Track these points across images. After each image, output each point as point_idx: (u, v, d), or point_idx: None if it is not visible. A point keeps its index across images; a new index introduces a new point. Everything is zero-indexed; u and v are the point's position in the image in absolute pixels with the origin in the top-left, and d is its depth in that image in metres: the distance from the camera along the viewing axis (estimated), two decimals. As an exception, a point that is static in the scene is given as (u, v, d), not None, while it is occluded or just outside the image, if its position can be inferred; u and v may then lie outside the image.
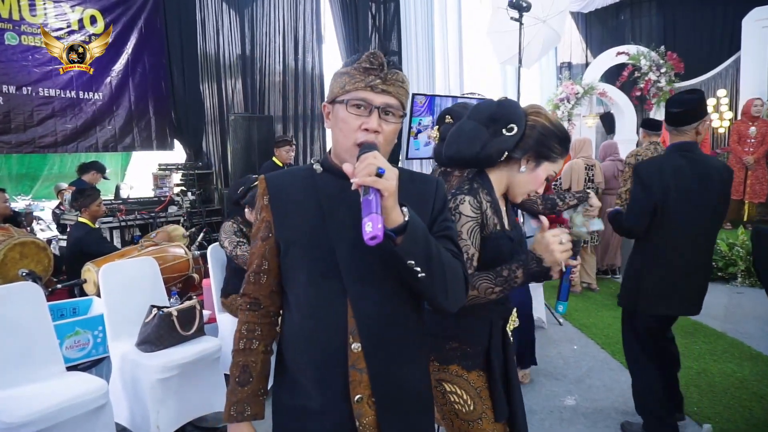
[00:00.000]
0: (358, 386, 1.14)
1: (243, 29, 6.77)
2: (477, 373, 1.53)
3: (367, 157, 1.01)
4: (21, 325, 2.41)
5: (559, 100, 9.34)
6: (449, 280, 1.12)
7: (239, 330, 1.27)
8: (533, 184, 1.56)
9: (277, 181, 1.23)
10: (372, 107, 1.12)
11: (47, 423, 2.10)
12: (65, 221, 5.20)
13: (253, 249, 1.26)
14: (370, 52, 1.14)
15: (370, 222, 0.95)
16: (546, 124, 1.52)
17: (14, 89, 4.91)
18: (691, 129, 2.45)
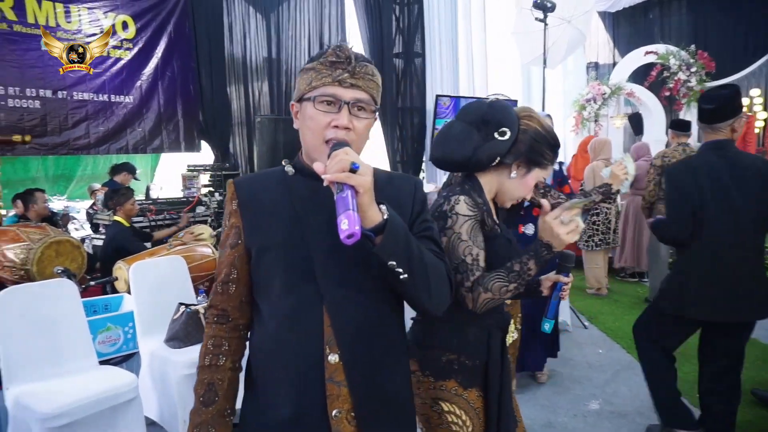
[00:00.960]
0: (336, 400, 1.06)
1: (269, 32, 6.88)
2: (476, 391, 1.45)
3: (339, 153, 0.96)
4: (57, 320, 2.51)
5: (585, 101, 9.21)
6: (432, 281, 1.06)
7: (205, 345, 1.18)
8: (523, 190, 1.51)
9: (247, 185, 1.16)
10: (341, 103, 1.05)
11: (81, 414, 2.18)
12: (98, 221, 5.36)
13: (221, 258, 1.17)
14: (336, 45, 1.08)
15: (345, 219, 0.89)
16: (539, 130, 1.47)
17: (50, 93, 5.09)
18: (726, 126, 2.32)
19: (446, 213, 1.42)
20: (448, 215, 1.41)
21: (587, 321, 4.57)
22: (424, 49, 6.61)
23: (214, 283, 1.20)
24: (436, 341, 1.46)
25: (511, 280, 1.34)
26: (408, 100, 6.69)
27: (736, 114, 2.32)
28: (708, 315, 2.38)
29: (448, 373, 1.43)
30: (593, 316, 4.73)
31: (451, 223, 1.40)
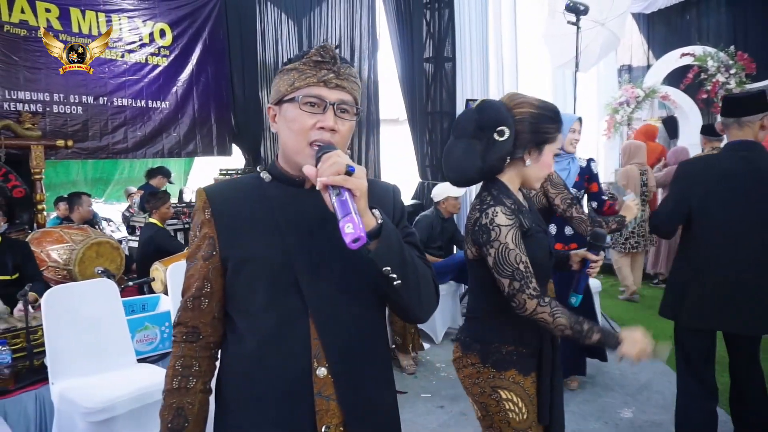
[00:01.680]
0: (325, 415, 1.02)
1: (301, 38, 6.99)
2: (531, 378, 1.53)
3: (332, 155, 0.93)
4: (99, 318, 2.60)
5: (618, 104, 9.05)
6: (422, 288, 1.03)
7: (172, 366, 1.09)
8: (544, 169, 1.56)
9: (220, 193, 1.10)
10: (327, 104, 1.01)
11: (122, 409, 2.26)
12: (134, 223, 5.52)
13: (191, 271, 1.09)
14: (320, 45, 1.03)
15: (349, 224, 0.86)
16: (533, 111, 1.49)
17: (92, 99, 5.29)
18: (755, 121, 2.14)
19: (487, 226, 1.46)
20: (490, 228, 1.45)
21: (619, 327, 4.48)
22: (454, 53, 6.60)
23: (183, 299, 1.11)
24: (495, 336, 1.54)
25: (572, 329, 1.41)
26: (438, 105, 6.69)
27: (766, 110, 2.16)
28: (700, 324, 2.26)
29: (508, 364, 1.51)
30: (625, 322, 4.65)
31: (495, 235, 1.44)
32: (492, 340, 1.54)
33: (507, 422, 1.51)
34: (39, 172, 4.72)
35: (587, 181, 3.25)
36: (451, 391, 3.39)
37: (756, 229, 2.14)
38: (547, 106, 1.53)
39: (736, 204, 2.16)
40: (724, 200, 2.17)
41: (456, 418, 3.07)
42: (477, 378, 1.54)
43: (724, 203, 2.17)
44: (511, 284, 1.42)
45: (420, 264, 1.06)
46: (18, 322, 2.67)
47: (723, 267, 2.19)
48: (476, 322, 1.61)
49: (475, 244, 1.51)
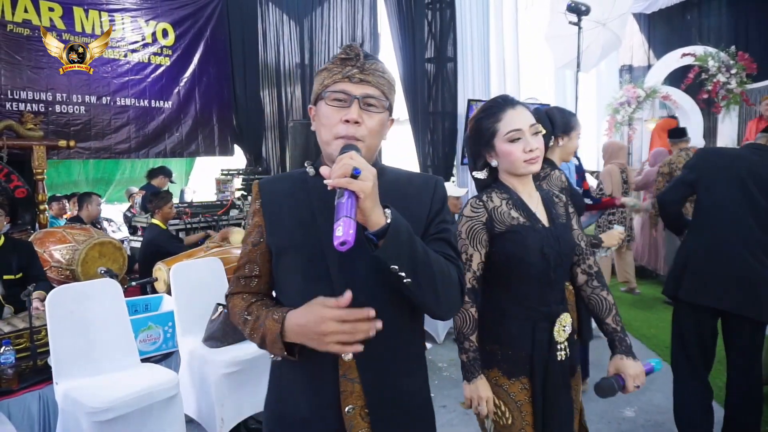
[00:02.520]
0: (349, 396, 1.08)
1: (302, 38, 6.99)
2: (520, 384, 1.48)
3: (343, 157, 0.96)
4: (102, 319, 2.60)
5: (618, 104, 9.05)
6: (440, 286, 1.04)
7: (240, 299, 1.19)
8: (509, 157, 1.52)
9: (270, 186, 1.20)
10: (351, 98, 1.07)
11: (126, 410, 2.26)
12: (136, 223, 5.53)
13: (243, 253, 1.21)
14: (346, 45, 1.10)
15: (340, 226, 0.88)
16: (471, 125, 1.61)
17: (95, 99, 5.29)
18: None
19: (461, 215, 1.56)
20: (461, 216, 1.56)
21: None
22: (455, 53, 6.61)
23: (235, 275, 1.22)
24: (479, 333, 1.51)
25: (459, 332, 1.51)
26: (439, 105, 6.70)
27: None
28: (696, 298, 2.35)
29: (490, 363, 1.50)
30: (627, 323, 4.64)
31: (458, 223, 1.53)
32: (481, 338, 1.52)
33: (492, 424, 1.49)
34: (41, 173, 4.72)
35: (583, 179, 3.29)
36: (454, 390, 3.39)
37: (751, 214, 2.27)
38: (483, 106, 1.60)
39: (738, 189, 2.29)
40: (729, 183, 2.30)
41: (460, 417, 3.07)
42: None
43: (729, 186, 2.30)
44: None
45: (439, 262, 1.06)
46: (21, 323, 2.67)
47: (716, 246, 2.32)
48: None
49: None
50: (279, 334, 1.04)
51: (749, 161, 2.33)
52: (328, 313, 0.99)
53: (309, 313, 1.02)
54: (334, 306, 0.99)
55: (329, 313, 0.99)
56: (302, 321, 1.02)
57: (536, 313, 1.49)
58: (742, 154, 2.41)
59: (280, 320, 1.05)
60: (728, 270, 2.29)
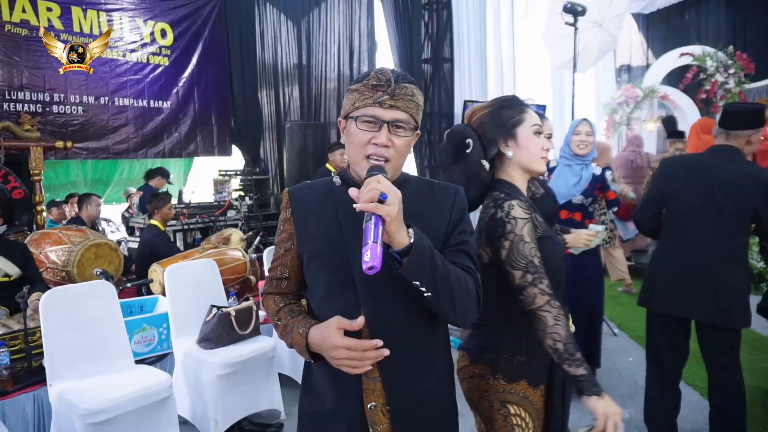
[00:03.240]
0: (371, 394, 1.17)
1: (300, 39, 6.99)
2: (540, 391, 1.50)
3: (371, 181, 1.04)
4: (97, 320, 2.61)
5: (617, 104, 9.05)
6: (457, 298, 1.13)
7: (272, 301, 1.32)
8: (531, 148, 1.52)
9: (300, 195, 1.28)
10: (381, 122, 1.15)
11: (120, 411, 2.27)
12: (134, 224, 5.54)
13: (276, 256, 1.31)
14: (377, 69, 1.18)
15: (368, 252, 0.97)
16: (485, 112, 1.56)
17: (93, 99, 5.30)
18: (743, 136, 2.32)
19: (503, 219, 1.44)
20: (506, 221, 1.43)
21: (617, 328, 4.49)
22: (452, 54, 6.62)
23: (269, 276, 1.33)
24: (508, 346, 1.50)
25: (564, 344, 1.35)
26: (436, 106, 6.70)
27: (756, 127, 2.32)
28: (668, 309, 2.39)
29: (520, 375, 1.49)
30: (624, 323, 4.66)
31: (510, 227, 1.42)
32: (504, 349, 1.50)
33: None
34: (38, 173, 4.73)
35: (599, 190, 3.25)
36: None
37: (714, 222, 2.29)
38: (500, 98, 1.58)
39: (701, 198, 2.32)
40: (692, 193, 2.34)
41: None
42: (485, 391, 1.51)
43: (692, 196, 2.34)
44: (523, 276, 1.39)
45: (457, 276, 1.15)
46: (16, 324, 2.68)
47: (680, 254, 2.36)
48: (487, 330, 1.55)
49: (489, 242, 1.48)
50: (305, 347, 1.16)
51: (712, 165, 2.34)
52: (337, 341, 1.09)
53: (324, 335, 1.12)
54: (347, 327, 1.10)
55: (339, 342, 1.09)
56: (318, 341, 1.14)
57: None
58: (704, 159, 2.41)
59: (305, 335, 1.17)
60: (697, 280, 2.31)
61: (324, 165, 5.57)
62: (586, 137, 3.13)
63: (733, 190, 2.26)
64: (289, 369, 3.41)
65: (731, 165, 2.30)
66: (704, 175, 2.32)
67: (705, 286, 2.29)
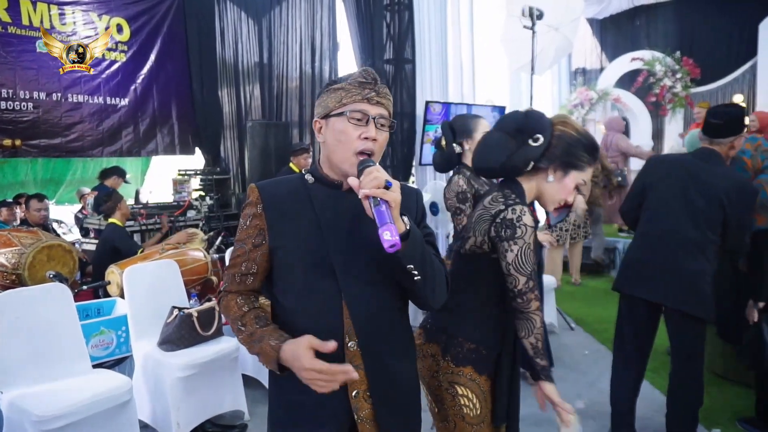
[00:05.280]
0: (354, 382, 1.20)
1: (261, 37, 6.91)
2: (486, 377, 1.57)
3: (372, 170, 1.10)
4: (51, 324, 2.53)
5: (573, 106, 9.35)
6: (437, 282, 1.23)
7: (234, 303, 1.29)
8: (563, 193, 1.58)
9: (271, 190, 1.28)
10: (369, 117, 1.20)
11: (76, 417, 2.21)
12: (88, 225, 5.35)
13: (239, 252, 1.28)
14: (362, 68, 1.22)
15: (388, 231, 1.03)
16: (573, 134, 1.55)
17: (44, 95, 5.09)
18: (726, 143, 2.45)
19: (514, 223, 1.48)
20: (517, 225, 1.48)
21: (574, 323, 4.65)
22: (414, 55, 6.67)
23: (230, 272, 1.31)
24: (461, 332, 1.59)
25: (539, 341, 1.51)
26: (398, 106, 6.74)
27: (737, 133, 2.45)
28: (631, 290, 2.54)
29: (467, 361, 1.56)
30: (580, 318, 4.82)
31: (521, 233, 1.47)
32: (458, 334, 1.58)
33: (462, 417, 1.56)
34: (-16, 173, 4.53)
35: None
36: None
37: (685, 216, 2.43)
38: (589, 138, 1.58)
39: (674, 192, 2.47)
40: (667, 187, 2.49)
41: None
42: (435, 371, 1.60)
43: (667, 189, 2.49)
44: (527, 282, 1.47)
45: (436, 261, 1.24)
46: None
47: (653, 243, 2.51)
48: (446, 313, 1.60)
49: (489, 236, 1.52)
50: (275, 359, 1.16)
51: (691, 165, 2.49)
52: (308, 363, 1.10)
53: (296, 354, 1.12)
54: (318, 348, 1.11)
55: (309, 364, 1.10)
56: (289, 357, 1.14)
57: (509, 314, 1.56)
58: (684, 159, 2.58)
59: (277, 349, 1.16)
60: (662, 264, 2.46)
61: (287, 165, 5.53)
62: None
63: (706, 188, 2.40)
64: (253, 370, 3.38)
65: (708, 166, 2.45)
66: (681, 171, 2.48)
67: (672, 272, 2.43)
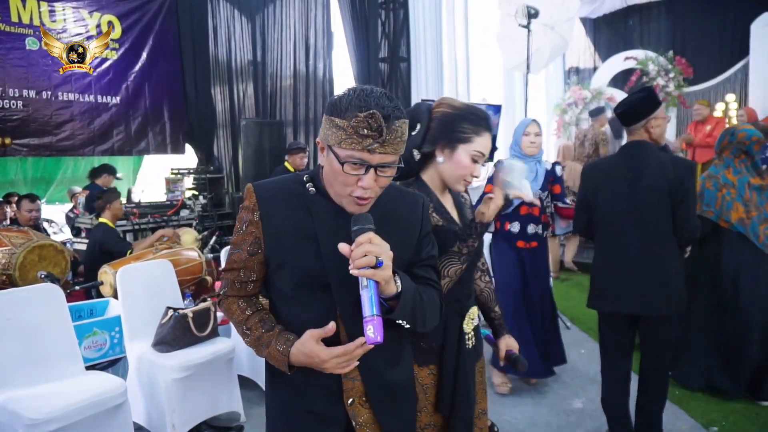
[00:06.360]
0: (350, 392, 1.21)
1: (254, 35, 6.87)
2: (428, 369, 1.57)
3: (363, 241, 1.06)
4: (43, 325, 2.48)
5: (566, 105, 9.37)
6: (428, 317, 1.25)
7: (236, 307, 1.28)
8: (459, 169, 1.57)
9: (269, 198, 1.21)
10: (368, 166, 1.10)
11: (70, 420, 2.17)
12: (79, 224, 5.29)
13: (235, 257, 1.25)
14: (368, 114, 1.06)
15: (371, 326, 1.02)
16: (448, 111, 1.56)
17: (34, 93, 5.03)
18: (639, 128, 2.44)
19: None
20: None
21: (569, 322, 4.64)
22: (409, 53, 6.67)
23: (228, 277, 1.29)
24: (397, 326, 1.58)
25: (462, 262, 1.56)
26: (393, 104, 6.74)
27: (647, 116, 2.42)
28: (616, 308, 2.49)
29: None
30: (575, 317, 4.82)
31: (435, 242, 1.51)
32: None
33: None
34: (-26, 172, 4.46)
35: (551, 183, 3.36)
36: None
37: (638, 216, 2.41)
38: (467, 109, 1.57)
39: (620, 195, 2.45)
40: (611, 193, 2.48)
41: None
42: None
43: (611, 196, 2.48)
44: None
45: (431, 298, 1.26)
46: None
47: (614, 253, 2.48)
48: None
49: None
50: (286, 364, 1.17)
51: (625, 162, 2.45)
52: (324, 355, 1.12)
53: (308, 353, 1.13)
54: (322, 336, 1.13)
55: (326, 355, 1.12)
56: (303, 359, 1.15)
57: (450, 310, 1.57)
58: (616, 159, 2.54)
59: (285, 353, 1.16)
60: (628, 274, 2.42)
61: (281, 164, 5.49)
62: (535, 138, 3.22)
63: (646, 181, 2.38)
64: (248, 370, 3.35)
65: (640, 161, 2.42)
66: (620, 174, 2.45)
67: (646, 280, 2.39)
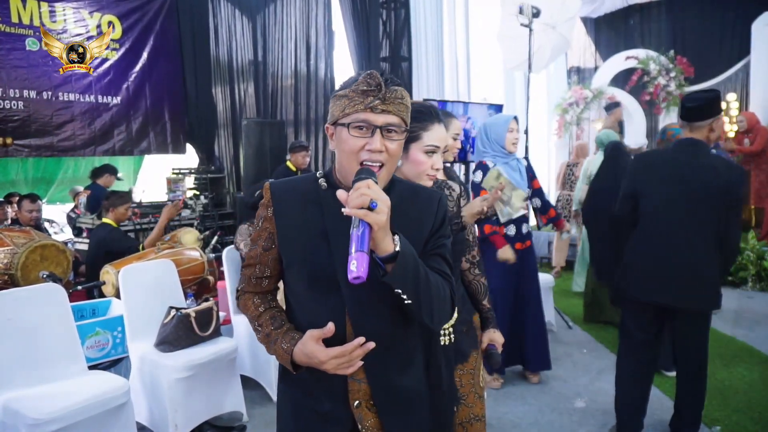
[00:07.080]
0: (356, 393, 1.19)
1: (255, 35, 6.87)
2: None
3: (361, 186, 1.03)
4: (45, 325, 2.48)
5: (567, 105, 9.36)
6: (435, 304, 1.16)
7: (251, 303, 1.30)
8: (417, 166, 1.58)
9: (283, 194, 1.24)
10: (374, 128, 1.12)
11: (72, 420, 2.16)
12: (81, 224, 5.29)
13: (253, 253, 1.28)
14: (366, 74, 1.13)
15: (355, 261, 0.97)
16: None
17: (35, 94, 5.02)
18: (704, 126, 2.44)
19: None
20: None
21: (572, 322, 4.64)
22: (410, 53, 6.66)
23: (245, 274, 1.31)
24: None
25: None
26: (394, 104, 6.74)
27: (715, 115, 2.44)
28: (647, 296, 2.49)
29: None
30: (578, 316, 4.82)
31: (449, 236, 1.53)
32: None
33: None
34: (-26, 172, 4.46)
35: (530, 179, 3.38)
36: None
37: (692, 213, 2.40)
38: (416, 106, 1.55)
39: (676, 189, 2.43)
40: (662, 186, 2.45)
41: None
42: None
43: (662, 189, 2.45)
44: None
45: (437, 282, 1.17)
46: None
47: (662, 246, 2.45)
48: None
49: None
50: (290, 362, 1.17)
51: (678, 161, 2.46)
52: (323, 356, 1.11)
53: (308, 354, 1.13)
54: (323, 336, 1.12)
55: (324, 356, 1.11)
56: (304, 359, 1.15)
57: None
58: (671, 154, 2.53)
59: (289, 352, 1.16)
60: (670, 267, 2.42)
61: (283, 163, 5.49)
62: (518, 134, 3.22)
63: (698, 184, 2.38)
64: (251, 370, 3.35)
65: (695, 160, 2.42)
66: (674, 169, 2.44)
67: (685, 276, 2.40)
